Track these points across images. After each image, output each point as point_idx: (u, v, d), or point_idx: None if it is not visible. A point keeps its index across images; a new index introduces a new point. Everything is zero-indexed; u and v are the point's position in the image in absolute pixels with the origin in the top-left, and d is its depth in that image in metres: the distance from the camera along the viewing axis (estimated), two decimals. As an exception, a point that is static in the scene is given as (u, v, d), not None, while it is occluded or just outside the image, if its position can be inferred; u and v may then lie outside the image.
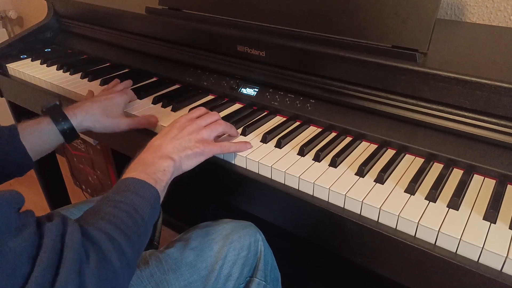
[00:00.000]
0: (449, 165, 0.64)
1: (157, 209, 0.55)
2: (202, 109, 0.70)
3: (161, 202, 0.56)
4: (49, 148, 0.70)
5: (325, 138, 0.72)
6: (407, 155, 0.67)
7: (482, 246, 0.49)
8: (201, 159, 0.64)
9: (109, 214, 0.48)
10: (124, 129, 0.76)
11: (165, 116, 0.80)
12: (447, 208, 0.56)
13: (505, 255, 0.48)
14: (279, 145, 0.70)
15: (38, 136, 0.68)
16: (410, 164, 0.65)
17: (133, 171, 0.55)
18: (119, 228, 0.47)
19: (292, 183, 0.64)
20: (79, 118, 0.71)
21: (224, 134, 0.72)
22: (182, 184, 0.64)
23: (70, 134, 0.70)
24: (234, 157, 0.69)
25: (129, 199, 0.50)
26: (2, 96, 1.15)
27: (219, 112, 0.76)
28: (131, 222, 0.48)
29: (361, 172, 0.62)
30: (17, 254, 0.38)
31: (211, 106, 0.82)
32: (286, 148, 0.70)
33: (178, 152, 0.61)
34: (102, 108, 0.74)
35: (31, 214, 0.42)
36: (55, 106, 0.71)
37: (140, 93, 0.88)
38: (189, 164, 0.62)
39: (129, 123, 0.76)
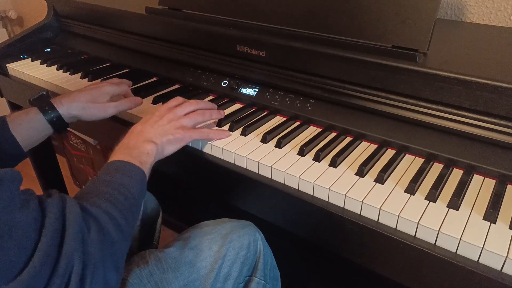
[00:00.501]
0: (449, 165, 0.63)
1: (145, 188, 0.58)
2: (180, 99, 0.73)
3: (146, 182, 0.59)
4: (39, 138, 0.71)
5: (325, 138, 0.72)
6: (407, 155, 0.67)
7: (482, 246, 0.49)
8: (181, 144, 0.67)
9: (103, 192, 0.51)
10: (112, 112, 0.76)
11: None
12: (447, 208, 0.55)
13: (505, 255, 0.48)
14: (279, 145, 0.70)
15: (27, 127, 0.69)
16: (410, 164, 0.65)
17: (119, 154, 0.58)
18: (114, 205, 0.50)
19: (292, 183, 0.63)
20: (66, 106, 0.72)
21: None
22: (182, 184, 0.64)
23: (58, 123, 0.71)
24: (234, 157, 0.69)
25: (118, 178, 0.54)
26: (2, 96, 1.15)
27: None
28: (123, 199, 0.52)
29: (361, 172, 0.62)
30: (24, 226, 0.40)
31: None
32: (286, 148, 0.70)
33: (160, 137, 0.64)
34: (89, 95, 0.74)
35: (31, 191, 0.45)
36: (42, 96, 0.73)
37: (140, 93, 0.88)
38: (170, 149, 0.66)
39: (116, 105, 0.77)
